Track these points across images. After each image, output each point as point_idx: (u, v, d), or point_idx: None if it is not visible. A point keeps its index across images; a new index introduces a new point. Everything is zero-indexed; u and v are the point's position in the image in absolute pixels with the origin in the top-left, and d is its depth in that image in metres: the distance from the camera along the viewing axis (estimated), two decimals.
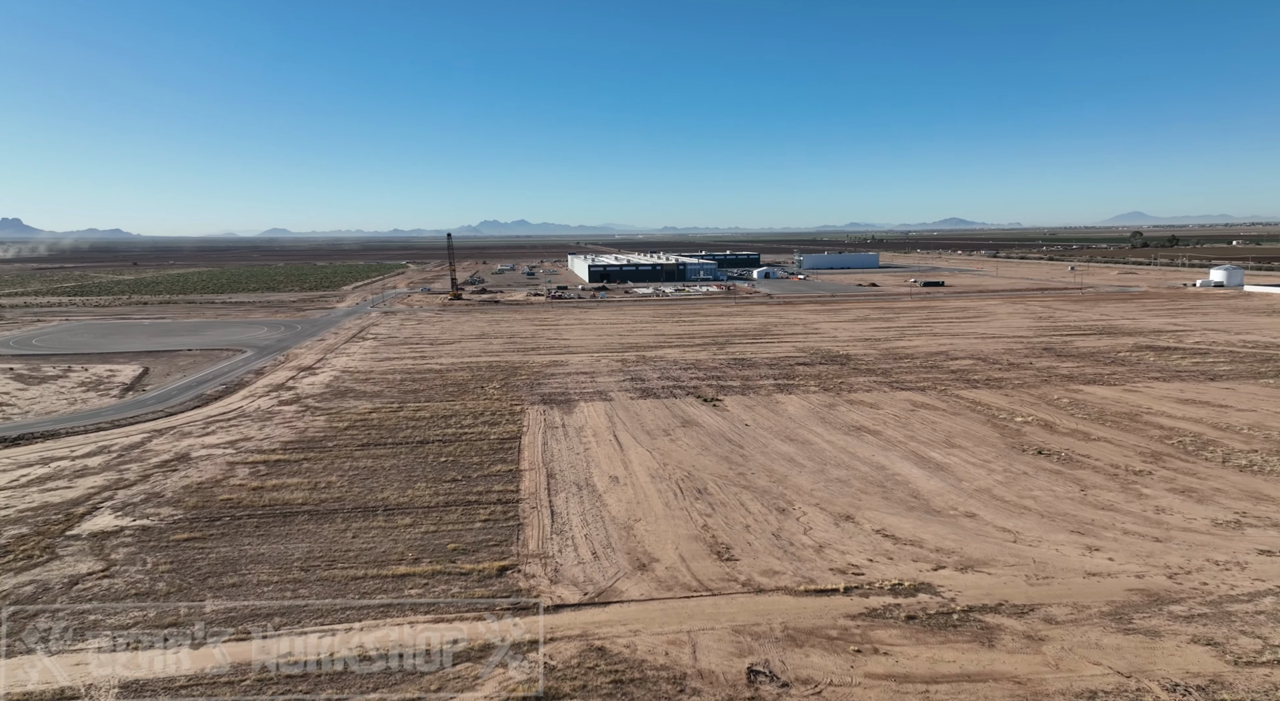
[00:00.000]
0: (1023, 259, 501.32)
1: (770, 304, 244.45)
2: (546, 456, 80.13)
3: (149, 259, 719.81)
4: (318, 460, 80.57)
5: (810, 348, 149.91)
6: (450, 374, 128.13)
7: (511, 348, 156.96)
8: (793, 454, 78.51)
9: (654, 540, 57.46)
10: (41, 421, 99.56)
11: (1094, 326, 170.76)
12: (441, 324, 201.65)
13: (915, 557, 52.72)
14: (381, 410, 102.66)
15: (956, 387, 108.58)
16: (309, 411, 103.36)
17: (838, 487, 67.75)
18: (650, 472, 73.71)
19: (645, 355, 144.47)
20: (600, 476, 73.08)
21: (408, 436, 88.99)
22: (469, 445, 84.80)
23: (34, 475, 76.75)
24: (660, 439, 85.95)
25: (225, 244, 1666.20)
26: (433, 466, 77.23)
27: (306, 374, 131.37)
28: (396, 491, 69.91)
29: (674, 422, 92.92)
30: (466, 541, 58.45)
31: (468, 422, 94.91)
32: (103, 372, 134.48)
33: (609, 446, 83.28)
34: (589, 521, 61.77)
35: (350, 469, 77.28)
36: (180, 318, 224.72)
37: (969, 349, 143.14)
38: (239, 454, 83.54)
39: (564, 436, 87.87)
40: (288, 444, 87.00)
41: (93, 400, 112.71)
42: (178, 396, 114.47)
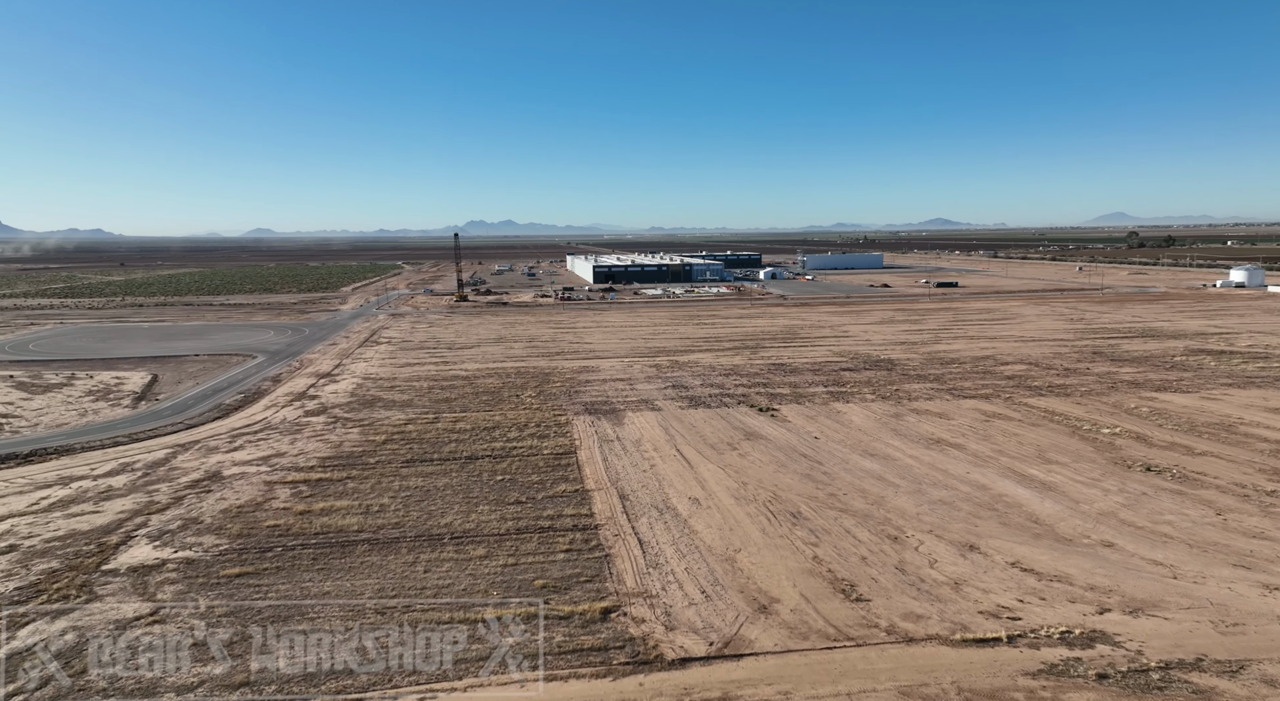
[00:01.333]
0: (1025, 259, 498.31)
1: (786, 305, 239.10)
2: (611, 474, 74.21)
3: (136, 259, 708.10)
4: (362, 479, 74.39)
5: (847, 351, 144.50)
6: (479, 381, 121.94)
7: (535, 352, 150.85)
8: (879, 471, 72.86)
9: (765, 575, 51.65)
10: (53, 435, 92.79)
11: (1132, 329, 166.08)
12: (454, 327, 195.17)
13: (1070, 597, 47.08)
14: (417, 421, 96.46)
15: (1021, 395, 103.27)
16: (339, 423, 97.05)
17: (945, 511, 62.11)
18: (732, 493, 67.90)
19: (677, 360, 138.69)
20: (678, 497, 67.22)
21: (453, 451, 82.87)
22: (523, 461, 78.79)
23: (55, 497, 70.21)
24: (728, 453, 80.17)
25: (211, 244, 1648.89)
26: (490, 486, 71.21)
27: (327, 381, 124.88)
28: (459, 516, 63.85)
29: (736, 435, 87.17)
30: (554, 577, 52.48)
31: (513, 435, 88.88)
32: (109, 380, 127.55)
33: (676, 462, 77.42)
34: (684, 552, 55.89)
35: (400, 489, 71.14)
36: (180, 321, 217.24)
37: (1014, 353, 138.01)
38: (275, 472, 77.23)
39: (623, 451, 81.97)
40: (325, 460, 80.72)
41: (104, 411, 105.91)
42: (195, 406, 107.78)
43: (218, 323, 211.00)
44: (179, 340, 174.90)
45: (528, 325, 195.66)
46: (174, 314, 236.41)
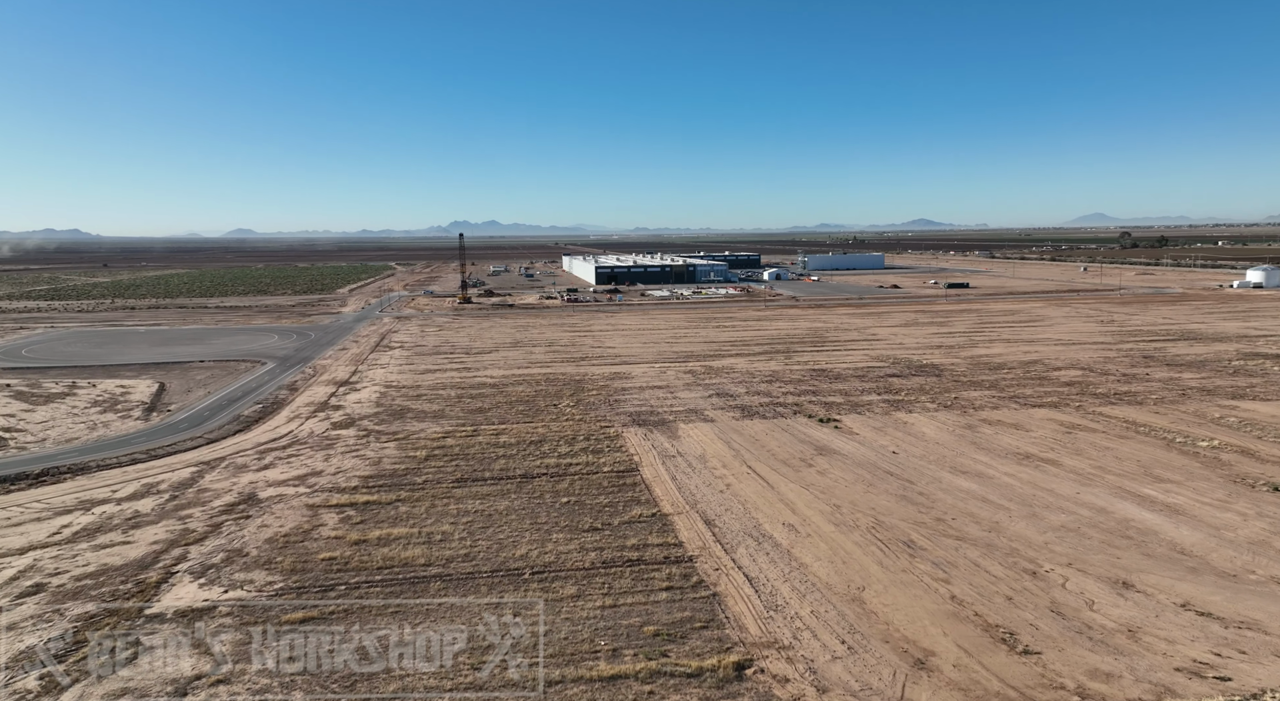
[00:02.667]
0: (1024, 260, 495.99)
1: (801, 307, 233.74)
2: (686, 495, 68.19)
3: (118, 260, 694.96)
4: (414, 501, 68.03)
5: (884, 355, 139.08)
6: (509, 389, 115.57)
7: (557, 357, 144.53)
8: (979, 491, 67.17)
9: (904, 620, 45.75)
10: (64, 451, 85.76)
11: (1168, 331, 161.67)
12: (466, 330, 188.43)
13: (1275, 650, 41.40)
14: (455, 434, 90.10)
15: (1091, 403, 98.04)
16: (371, 436, 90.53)
17: (1074, 539, 56.46)
18: (827, 518, 62.02)
19: (710, 365, 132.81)
20: (770, 523, 61.26)
21: (505, 469, 76.62)
22: (583, 480, 72.67)
23: (78, 525, 63.43)
24: (804, 471, 74.31)
25: (193, 245, 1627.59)
26: (557, 510, 65.07)
27: (347, 390, 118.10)
28: (533, 546, 57.67)
29: (806, 449, 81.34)
30: (662, 621, 46.42)
31: (564, 450, 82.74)
32: (114, 389, 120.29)
33: (753, 481, 71.46)
34: (801, 590, 49.91)
35: (458, 513, 64.87)
36: (176, 324, 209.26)
37: (1061, 357, 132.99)
38: (315, 493, 70.71)
39: (689, 468, 75.95)
40: (368, 479, 74.25)
41: (114, 423, 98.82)
42: (212, 418, 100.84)
43: (216, 326, 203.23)
44: (180, 345, 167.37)
45: (541, 328, 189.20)
46: (169, 317, 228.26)
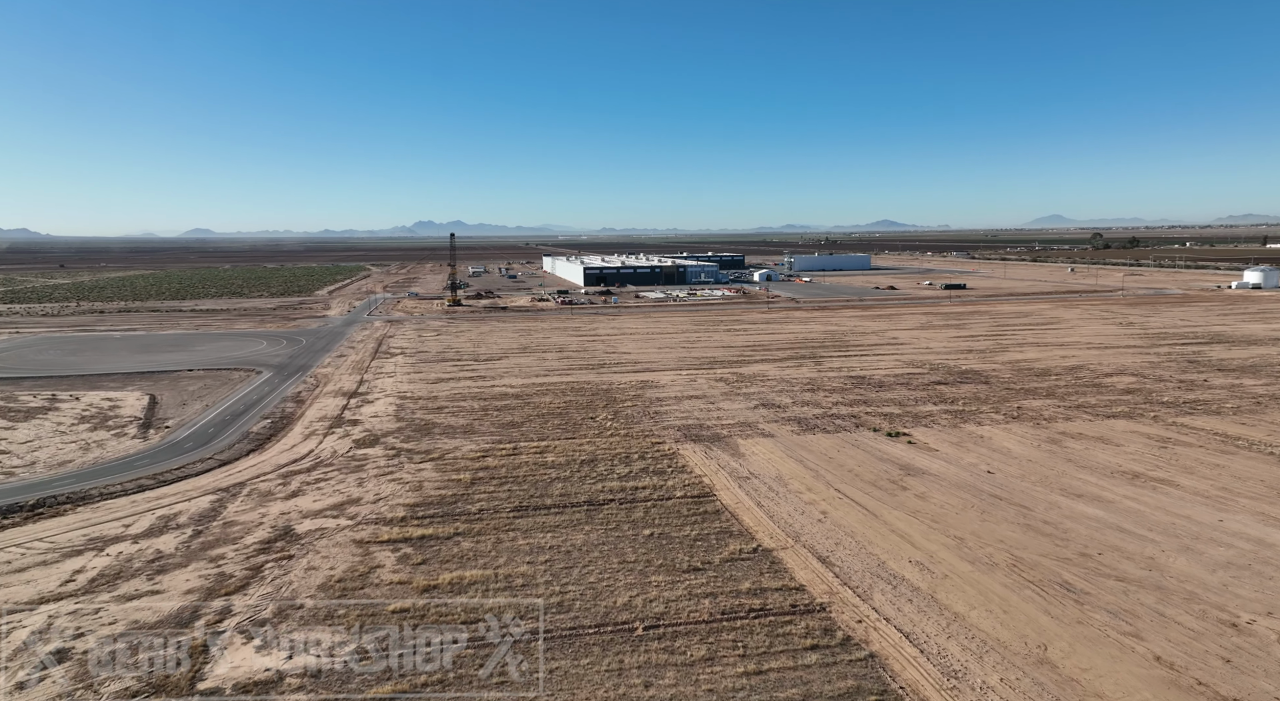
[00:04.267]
0: (1004, 260, 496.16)
1: (804, 309, 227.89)
2: (782, 525, 61.00)
3: (75, 261, 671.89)
4: (475, 535, 60.12)
5: (918, 361, 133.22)
6: (534, 399, 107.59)
7: (573, 364, 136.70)
8: (1109, 519, 60.75)
9: (1117, 691, 38.97)
10: (58, 477, 76.34)
11: (1194, 334, 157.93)
12: (465, 334, 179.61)
13: None
14: (495, 453, 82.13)
15: (1166, 414, 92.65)
16: (402, 455, 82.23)
17: (1254, 580, 50.12)
18: (955, 553, 55.17)
19: (739, 373, 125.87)
20: (893, 560, 54.24)
21: (565, 493, 68.89)
22: (659, 508, 65.21)
23: (93, 569, 54.61)
24: (899, 494, 67.48)
25: (152, 245, 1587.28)
26: (642, 544, 57.57)
27: (359, 402, 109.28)
28: (633, 591, 50.13)
29: (889, 468, 74.56)
30: (827, 695, 39.08)
31: (622, 471, 75.19)
32: (99, 402, 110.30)
33: (849, 508, 64.43)
34: (974, 650, 42.83)
35: (531, 550, 57.13)
36: (154, 329, 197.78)
37: (1104, 362, 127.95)
38: (360, 526, 62.44)
39: (770, 492, 68.77)
40: (414, 508, 66.08)
41: (109, 443, 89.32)
42: (219, 436, 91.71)
43: (197, 331, 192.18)
44: (162, 352, 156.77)
45: (544, 332, 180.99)
46: (143, 321, 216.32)
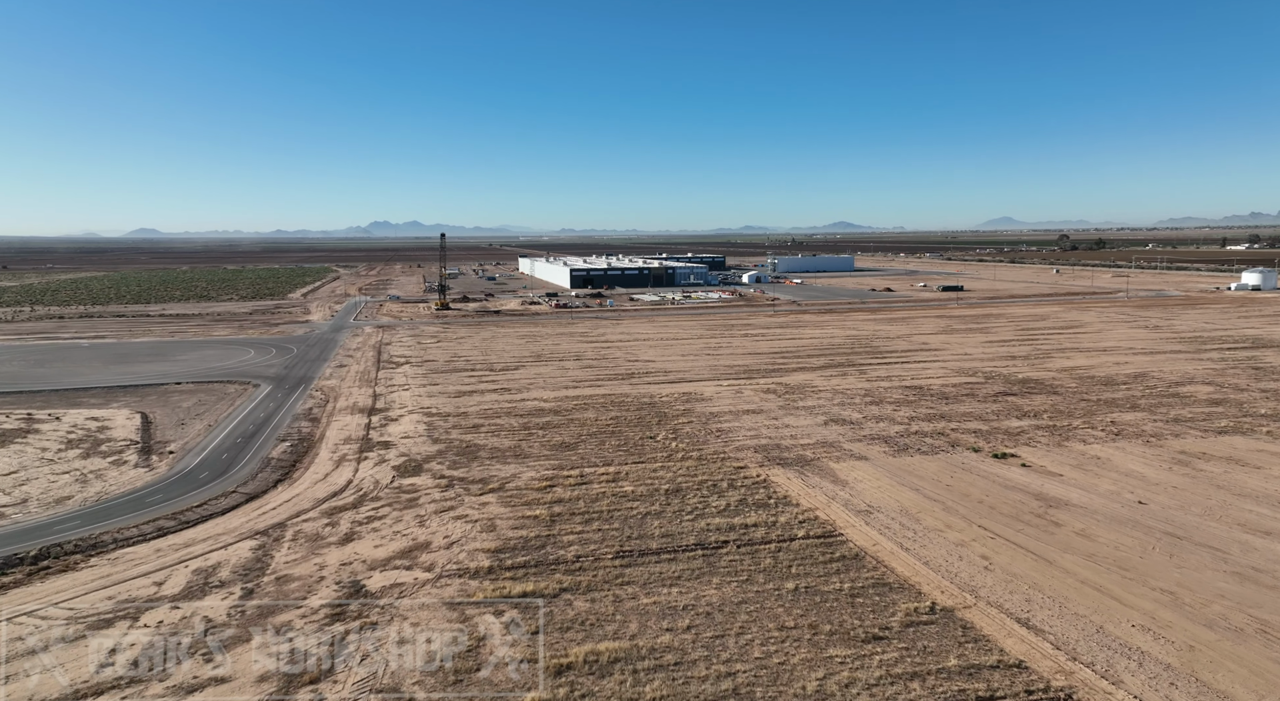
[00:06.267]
0: (980, 262, 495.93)
1: (812, 312, 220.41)
2: (944, 574, 52.27)
3: (18, 262, 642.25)
4: (585, 591, 50.61)
5: (965, 369, 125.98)
6: (575, 415, 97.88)
7: (599, 374, 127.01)
8: None
9: None
10: (58, 518, 64.79)
11: (1232, 338, 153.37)
12: (466, 341, 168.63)
13: None
14: (561, 482, 72.34)
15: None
16: (455, 485, 72.03)
17: None
18: (1181, 613, 46.87)
19: (782, 383, 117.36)
20: (1113, 624, 45.59)
21: (668, 534, 59.44)
22: (787, 552, 56.14)
23: (131, 649, 43.80)
24: (1055, 531, 59.19)
25: (97, 245, 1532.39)
26: (793, 603, 48.47)
27: (380, 418, 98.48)
28: (817, 672, 41.16)
29: (1024, 499, 66.23)
30: None
31: (718, 502, 65.96)
32: (85, 422, 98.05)
33: (1011, 552, 55.82)
34: None
35: (661, 610, 47.72)
36: (125, 336, 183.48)
37: (1166, 370, 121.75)
38: (441, 581, 52.40)
39: (904, 529, 60.00)
40: (498, 556, 56.16)
41: (109, 473, 77.61)
42: (234, 463, 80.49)
43: (174, 339, 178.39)
44: (140, 363, 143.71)
45: (551, 338, 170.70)
46: (110, 327, 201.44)
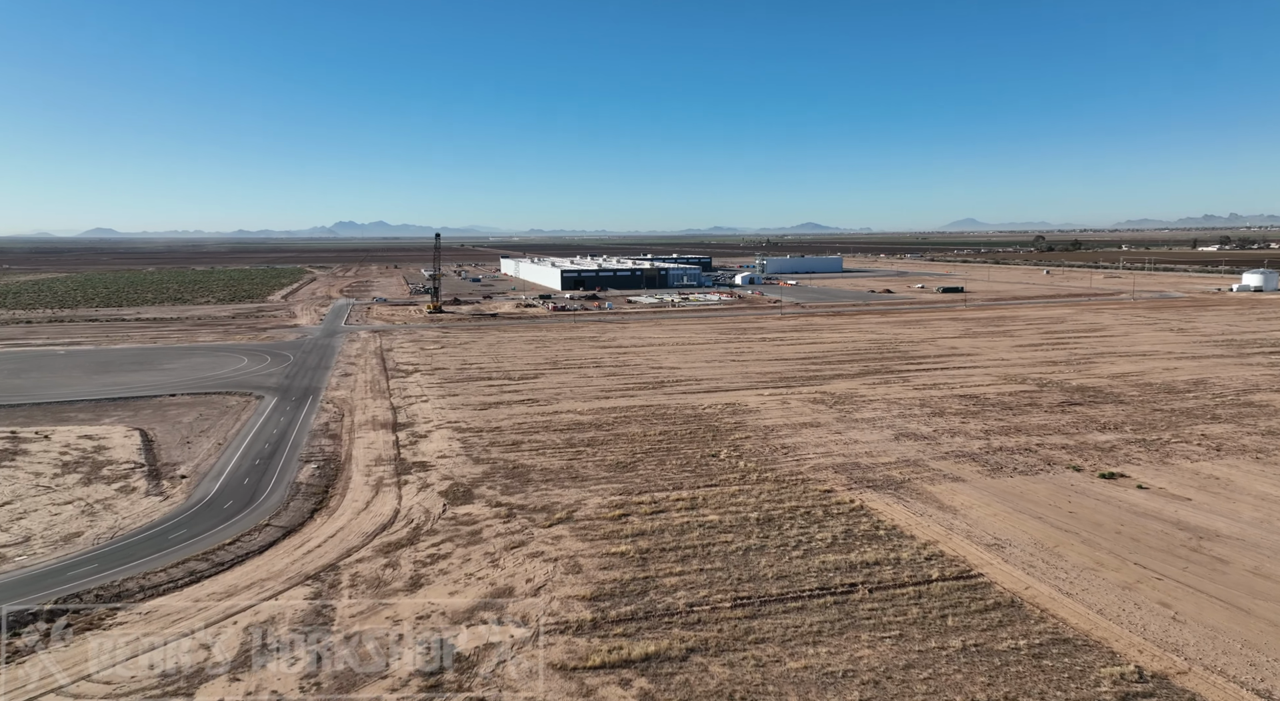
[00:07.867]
0: (966, 262, 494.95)
1: (820, 315, 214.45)
2: (1134, 629, 45.40)
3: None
4: (714, 651, 43.49)
5: (1010, 375, 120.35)
6: (619, 429, 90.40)
7: (626, 383, 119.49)
8: None
9: None
10: (71, 561, 55.94)
11: (1261, 341, 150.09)
12: (471, 346, 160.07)
13: None
14: (636, 510, 64.80)
15: None
16: (517, 515, 64.16)
17: None
18: None
19: (826, 391, 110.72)
20: None
21: (782, 575, 52.27)
22: (930, 598, 49.04)
23: None
24: (1226, 570, 52.84)
25: (52, 245, 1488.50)
26: (967, 667, 41.58)
27: (408, 435, 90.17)
28: None
29: (1166, 529, 59.79)
30: None
31: (822, 536, 58.81)
32: (78, 441, 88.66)
33: (1189, 596, 49.19)
34: None
35: (814, 677, 41.09)
36: (102, 343, 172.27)
37: (1221, 376, 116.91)
38: (539, 640, 44.76)
39: (1051, 569, 53.25)
40: (597, 605, 48.50)
41: (119, 503, 68.57)
42: (258, 489, 71.85)
43: (156, 345, 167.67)
44: (125, 372, 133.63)
45: (560, 343, 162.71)
46: (85, 333, 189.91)
